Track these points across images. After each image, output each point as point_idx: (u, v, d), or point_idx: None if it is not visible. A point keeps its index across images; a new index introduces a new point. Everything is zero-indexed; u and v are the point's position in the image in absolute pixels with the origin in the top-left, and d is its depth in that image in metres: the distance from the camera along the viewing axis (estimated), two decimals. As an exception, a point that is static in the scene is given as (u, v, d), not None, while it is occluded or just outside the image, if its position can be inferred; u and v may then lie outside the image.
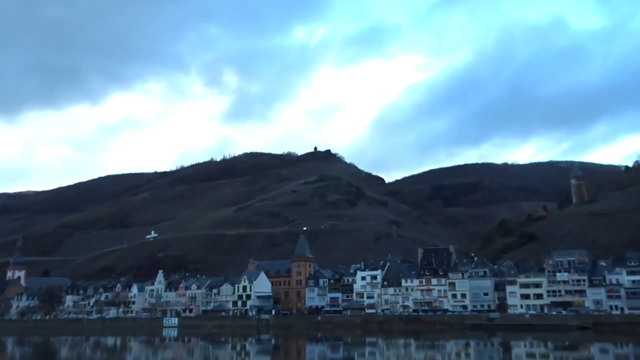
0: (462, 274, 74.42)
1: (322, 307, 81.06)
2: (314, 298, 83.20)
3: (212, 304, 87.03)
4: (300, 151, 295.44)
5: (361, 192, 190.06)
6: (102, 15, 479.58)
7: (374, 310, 76.26)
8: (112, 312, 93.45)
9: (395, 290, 77.32)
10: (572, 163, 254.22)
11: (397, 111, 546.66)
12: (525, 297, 69.25)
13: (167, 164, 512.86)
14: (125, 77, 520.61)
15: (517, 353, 41.46)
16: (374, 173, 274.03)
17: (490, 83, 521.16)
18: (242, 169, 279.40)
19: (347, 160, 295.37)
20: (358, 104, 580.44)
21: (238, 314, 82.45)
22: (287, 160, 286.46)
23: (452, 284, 74.06)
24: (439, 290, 74.65)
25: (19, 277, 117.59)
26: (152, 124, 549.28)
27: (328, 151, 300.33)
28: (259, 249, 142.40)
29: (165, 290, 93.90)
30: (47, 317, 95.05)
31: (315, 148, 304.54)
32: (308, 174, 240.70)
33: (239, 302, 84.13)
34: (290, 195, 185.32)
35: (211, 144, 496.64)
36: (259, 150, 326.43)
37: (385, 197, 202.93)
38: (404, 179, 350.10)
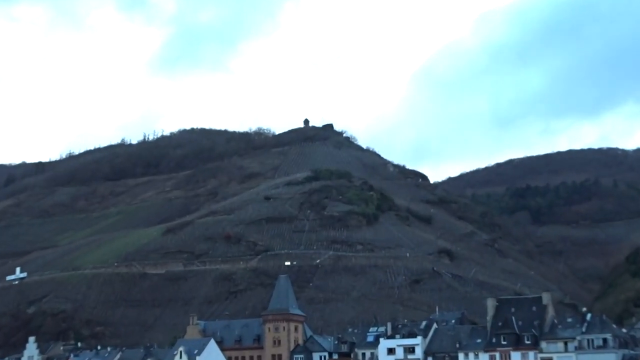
0: (566, 343, 75.62)
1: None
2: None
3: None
4: (280, 127, 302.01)
5: (387, 200, 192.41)
6: None
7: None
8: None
9: (447, 372, 78.58)
10: None
11: (457, 59, 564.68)
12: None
13: (45, 149, 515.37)
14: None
15: None
16: (410, 166, 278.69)
17: (622, 11, 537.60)
18: (176, 158, 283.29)
19: (363, 143, 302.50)
20: (385, 46, 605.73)
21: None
22: (256, 143, 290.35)
23: (549, 361, 75.33)
24: (525, 372, 75.87)
25: None
26: (22, 78, 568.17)
27: (329, 127, 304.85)
28: (205, 298, 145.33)
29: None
30: None
31: (307, 122, 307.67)
32: (293, 166, 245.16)
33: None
34: (261, 205, 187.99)
35: (125, 114, 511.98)
36: (207, 126, 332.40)
37: (429, 209, 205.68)
38: (464, 177, 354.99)
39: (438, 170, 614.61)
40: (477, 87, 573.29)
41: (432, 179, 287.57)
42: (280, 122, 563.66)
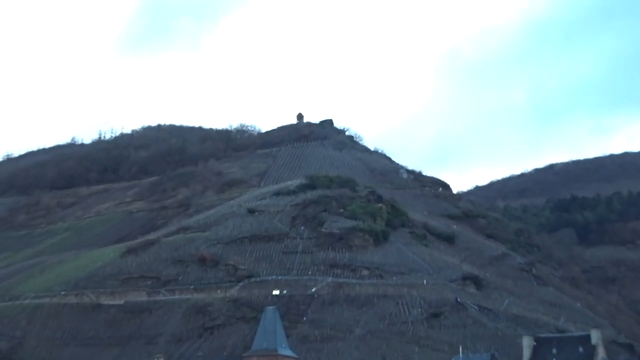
0: (621, 395, 75.47)
1: None
2: None
3: None
4: (268, 124, 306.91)
5: (400, 214, 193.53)
6: None
7: None
8: None
9: None
10: None
11: (489, 41, 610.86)
12: None
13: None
14: None
15: None
16: (429, 172, 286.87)
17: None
18: (140, 162, 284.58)
19: (370, 144, 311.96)
20: (401, 24, 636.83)
21: None
22: (239, 144, 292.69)
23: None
24: None
25: None
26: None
27: (328, 124, 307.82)
28: (174, 336, 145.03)
29: None
30: None
31: (301, 117, 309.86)
32: (284, 172, 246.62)
33: None
34: (244, 220, 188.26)
35: (76, 107, 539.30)
36: (177, 122, 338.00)
37: (452, 225, 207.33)
38: (495, 186, 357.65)
39: (463, 178, 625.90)
40: (513, 74, 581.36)
41: (456, 189, 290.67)
42: (268, 118, 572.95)
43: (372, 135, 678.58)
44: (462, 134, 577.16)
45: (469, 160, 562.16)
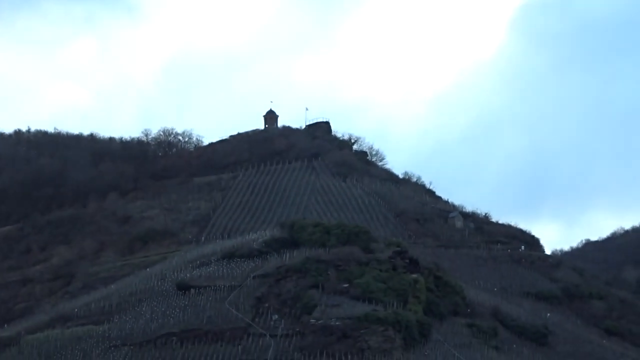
0: None
1: None
2: None
3: None
4: (212, 128, 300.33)
5: (450, 292, 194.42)
6: None
7: None
8: None
9: None
10: None
11: None
12: None
13: None
14: None
15: None
16: (502, 219, 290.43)
17: None
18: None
19: (398, 168, 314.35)
20: None
21: None
22: (160, 164, 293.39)
23: None
24: None
25: None
26: None
27: (323, 129, 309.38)
28: None
29: None
30: None
31: (272, 117, 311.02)
32: (240, 217, 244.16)
33: None
34: (169, 304, 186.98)
35: None
36: (49, 130, 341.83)
37: (544, 312, 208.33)
38: (618, 243, 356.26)
39: (564, 228, 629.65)
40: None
41: (551, 246, 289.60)
42: (214, 119, 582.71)
43: (401, 153, 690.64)
44: (559, 153, 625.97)
45: (573, 199, 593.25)
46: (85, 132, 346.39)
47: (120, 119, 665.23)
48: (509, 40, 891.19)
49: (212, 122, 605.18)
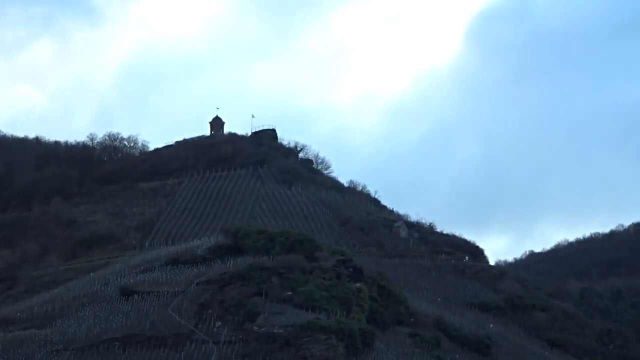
0: None
1: None
2: None
3: None
4: (158, 134, 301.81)
5: (394, 301, 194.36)
6: None
7: None
8: None
9: None
10: None
11: None
12: None
13: None
14: None
15: None
16: (447, 228, 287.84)
17: None
18: None
19: (343, 176, 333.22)
20: None
21: None
22: (105, 169, 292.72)
23: None
24: None
25: None
26: None
27: (268, 136, 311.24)
28: None
29: None
30: None
31: (218, 123, 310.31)
32: (185, 222, 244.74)
33: None
34: (113, 309, 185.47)
35: None
36: None
37: (486, 323, 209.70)
38: (561, 254, 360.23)
39: (507, 239, 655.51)
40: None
41: (495, 257, 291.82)
42: (159, 124, 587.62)
43: (346, 162, 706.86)
44: (506, 160, 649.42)
45: (518, 208, 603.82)
46: (31, 135, 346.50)
47: (76, 122, 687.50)
48: (465, 49, 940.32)
49: (160, 127, 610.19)
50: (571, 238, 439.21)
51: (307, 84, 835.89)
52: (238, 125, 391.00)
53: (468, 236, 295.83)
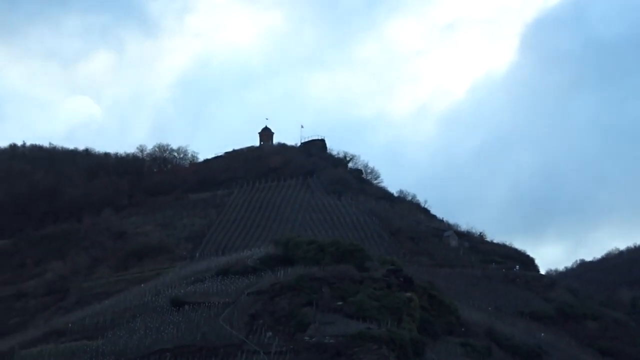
0: None
1: None
2: None
3: None
4: (207, 145, 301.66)
5: (445, 311, 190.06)
6: None
7: None
8: None
9: None
10: None
11: None
12: None
13: None
14: None
15: None
16: (497, 238, 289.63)
17: None
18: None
19: (392, 186, 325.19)
20: None
21: None
22: (155, 180, 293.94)
23: None
24: None
25: None
26: None
27: (318, 147, 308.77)
28: None
29: None
30: None
31: (268, 133, 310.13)
32: (235, 234, 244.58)
33: None
34: (164, 319, 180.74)
35: None
36: (44, 144, 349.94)
37: (538, 332, 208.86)
38: (613, 264, 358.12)
39: (558, 249, 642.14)
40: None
41: (546, 266, 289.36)
42: (209, 136, 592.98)
43: (401, 173, 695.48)
44: (562, 169, 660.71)
45: (573, 217, 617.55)
46: (81, 147, 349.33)
47: (132, 134, 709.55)
48: (520, 57, 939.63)
49: (212, 138, 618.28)
50: (622, 246, 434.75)
51: (362, 94, 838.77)
52: (287, 135, 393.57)
53: (521, 245, 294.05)
